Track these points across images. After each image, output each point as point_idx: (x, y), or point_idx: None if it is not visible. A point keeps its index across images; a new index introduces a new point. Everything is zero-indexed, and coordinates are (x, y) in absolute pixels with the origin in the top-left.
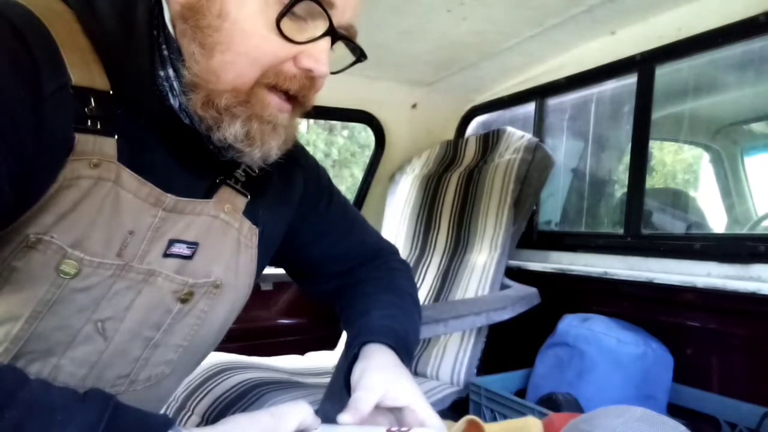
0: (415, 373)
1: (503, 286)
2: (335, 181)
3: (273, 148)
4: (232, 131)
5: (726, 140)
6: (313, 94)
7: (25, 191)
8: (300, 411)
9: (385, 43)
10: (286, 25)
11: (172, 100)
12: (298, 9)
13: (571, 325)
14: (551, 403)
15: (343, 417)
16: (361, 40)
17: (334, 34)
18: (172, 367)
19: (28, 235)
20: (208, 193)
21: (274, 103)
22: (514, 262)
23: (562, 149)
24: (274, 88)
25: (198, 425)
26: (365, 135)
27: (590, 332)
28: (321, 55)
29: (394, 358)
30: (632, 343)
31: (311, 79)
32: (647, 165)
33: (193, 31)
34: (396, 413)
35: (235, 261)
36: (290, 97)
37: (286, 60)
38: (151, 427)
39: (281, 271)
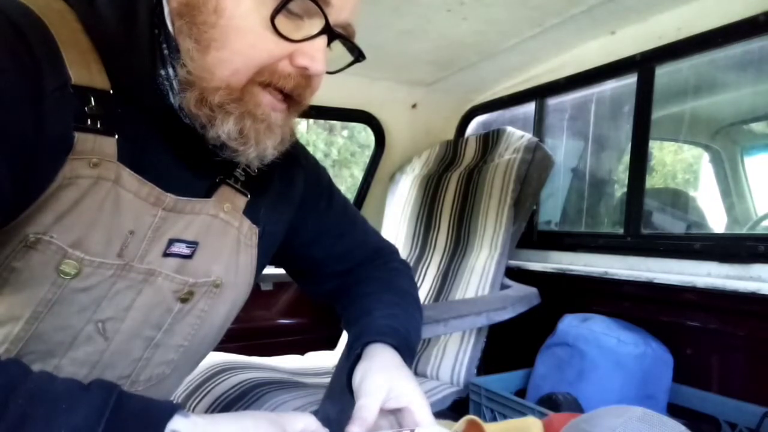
0: (415, 373)
1: (503, 286)
2: (335, 181)
3: (268, 148)
4: (225, 129)
5: (726, 140)
6: (309, 94)
7: (24, 189)
8: (304, 418)
9: (384, 43)
10: (282, 22)
11: (172, 99)
12: (294, 6)
13: (571, 325)
14: (551, 403)
15: (352, 429)
16: (360, 40)
17: (330, 32)
18: (173, 367)
19: (28, 235)
20: (208, 193)
21: (267, 101)
22: (514, 262)
23: (562, 149)
24: (268, 86)
25: None
26: (365, 135)
27: (590, 332)
28: (317, 54)
29: (397, 359)
30: (632, 343)
31: (307, 78)
32: (647, 165)
33: (189, 28)
34: (396, 413)
35: (235, 260)
36: (285, 97)
37: (281, 58)
38: (157, 413)
39: (281, 271)
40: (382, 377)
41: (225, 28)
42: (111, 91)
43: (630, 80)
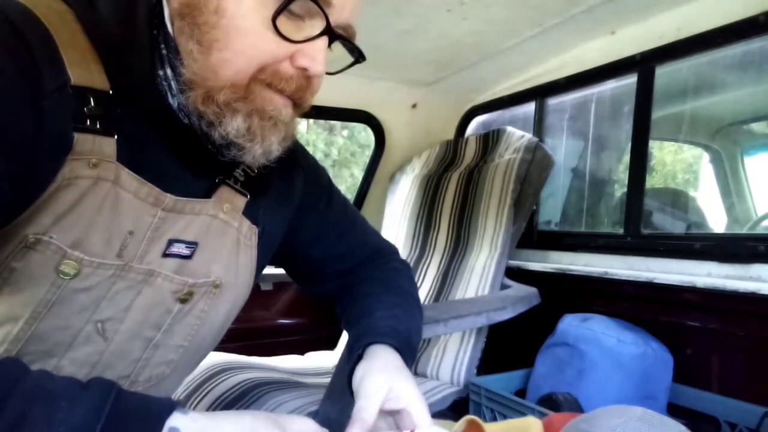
0: (415, 373)
1: (503, 286)
2: (335, 181)
3: (273, 144)
4: (234, 125)
5: (726, 140)
6: (309, 96)
7: (23, 190)
8: (303, 420)
9: (384, 43)
10: (283, 23)
11: (170, 100)
12: (295, 7)
13: (571, 325)
14: (551, 403)
15: (351, 431)
16: (360, 40)
17: (331, 33)
18: (173, 367)
19: (27, 236)
20: (207, 193)
21: (277, 99)
22: (514, 262)
23: (562, 149)
24: (270, 86)
25: None
26: (365, 135)
27: (590, 332)
28: (317, 55)
29: (397, 360)
30: (632, 343)
31: (308, 79)
32: (647, 165)
33: (190, 29)
34: (394, 414)
35: (234, 260)
36: (288, 97)
37: (283, 59)
38: (157, 410)
39: (281, 271)
40: (382, 378)
41: (226, 28)
42: (110, 92)
43: (630, 80)
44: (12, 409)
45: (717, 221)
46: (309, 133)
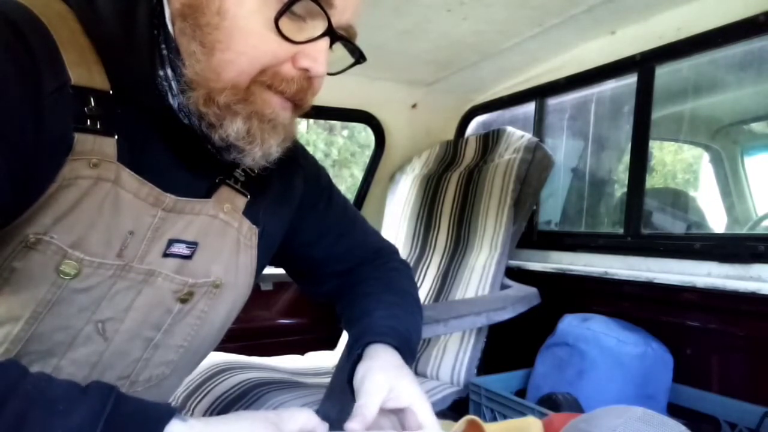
0: (416, 373)
1: (503, 286)
2: (335, 181)
3: (273, 146)
4: (234, 128)
5: (726, 140)
6: (310, 97)
7: (24, 190)
8: (303, 414)
9: (385, 43)
10: (285, 24)
11: (171, 100)
12: (297, 8)
13: (571, 325)
14: (551, 403)
15: (351, 425)
16: (361, 40)
17: (332, 34)
18: (173, 368)
19: (28, 236)
20: (207, 193)
21: (276, 101)
22: (514, 262)
23: (562, 149)
24: (270, 87)
25: None
26: (365, 135)
27: (590, 332)
28: (319, 55)
29: (397, 359)
30: (632, 343)
31: (309, 80)
32: (647, 165)
33: (192, 30)
34: (398, 413)
35: (234, 261)
36: (288, 99)
37: (285, 60)
38: (155, 416)
39: (281, 271)
40: (383, 377)
41: (228, 29)
42: (110, 92)
43: (630, 80)
44: (10, 412)
45: (717, 221)
46: (309, 133)
